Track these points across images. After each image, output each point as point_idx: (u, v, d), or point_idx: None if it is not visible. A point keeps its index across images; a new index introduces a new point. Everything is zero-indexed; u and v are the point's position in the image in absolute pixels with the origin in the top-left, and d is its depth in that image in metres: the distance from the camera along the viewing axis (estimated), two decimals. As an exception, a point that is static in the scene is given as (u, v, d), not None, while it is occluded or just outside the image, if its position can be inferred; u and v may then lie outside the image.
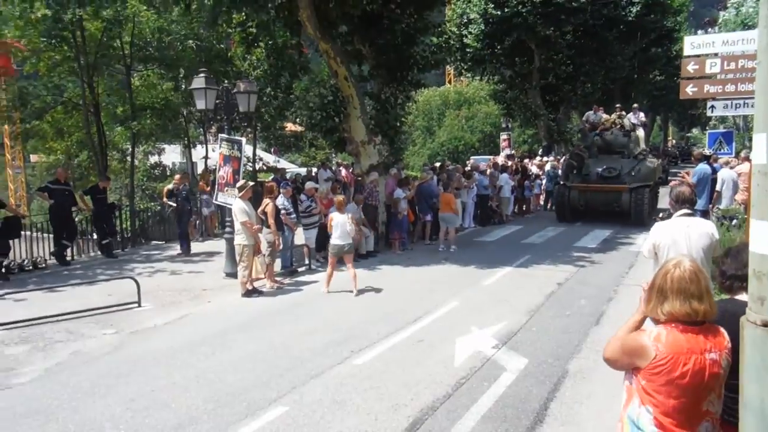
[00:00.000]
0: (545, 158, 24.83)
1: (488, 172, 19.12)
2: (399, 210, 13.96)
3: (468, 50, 27.47)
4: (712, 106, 10.14)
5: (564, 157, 22.27)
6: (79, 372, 6.59)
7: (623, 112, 20.06)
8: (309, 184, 13.12)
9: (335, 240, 10.21)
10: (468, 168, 19.65)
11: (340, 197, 10.77)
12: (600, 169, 17.51)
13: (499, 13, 24.81)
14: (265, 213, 10.64)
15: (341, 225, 10.10)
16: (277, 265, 11.40)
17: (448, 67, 35.75)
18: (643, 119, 20.71)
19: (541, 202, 22.61)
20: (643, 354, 2.60)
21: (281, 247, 11.47)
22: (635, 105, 21.13)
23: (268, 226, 10.57)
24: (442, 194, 14.35)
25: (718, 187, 11.40)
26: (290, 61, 15.80)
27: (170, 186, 15.30)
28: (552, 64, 27.65)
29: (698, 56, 9.79)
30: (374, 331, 7.87)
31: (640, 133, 19.34)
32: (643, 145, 19.14)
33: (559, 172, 20.61)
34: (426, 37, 16.56)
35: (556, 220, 18.37)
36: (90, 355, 7.18)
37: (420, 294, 9.89)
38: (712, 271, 5.66)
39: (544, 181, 22.24)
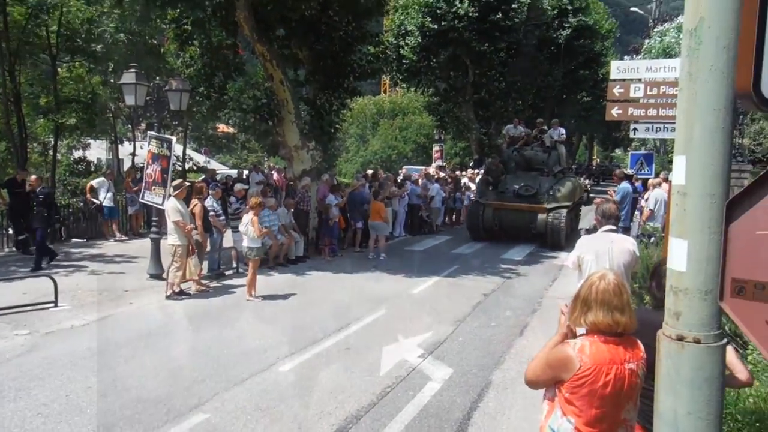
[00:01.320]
0: (476, 170, 25.31)
1: (420, 182, 19.33)
2: (330, 216, 13.92)
3: (404, 61, 27.81)
4: (635, 129, 10.62)
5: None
6: (-14, 375, 6.23)
7: (544, 128, 19.20)
8: (238, 186, 12.92)
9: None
10: (400, 177, 19.82)
11: (255, 198, 10.62)
12: (517, 187, 16.34)
13: (435, 26, 25.22)
14: (193, 213, 10.38)
15: (243, 225, 10.06)
16: (204, 267, 11.14)
17: (384, 76, 36.05)
18: (564, 136, 19.40)
19: (471, 214, 22.98)
20: (569, 365, 2.68)
21: (208, 249, 11.23)
22: (555, 120, 19.94)
23: (196, 227, 10.32)
24: (373, 202, 14.37)
25: (651, 206, 11.76)
26: (225, 61, 15.52)
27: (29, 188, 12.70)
28: (485, 80, 28.29)
29: (623, 80, 10.24)
30: (301, 337, 7.80)
31: (561, 150, 18.32)
32: (563, 163, 18.13)
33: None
34: (363, 46, 16.65)
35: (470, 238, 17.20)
36: (1, 356, 6.80)
37: (348, 301, 9.87)
38: (631, 286, 5.91)
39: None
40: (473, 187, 22.66)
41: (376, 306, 9.52)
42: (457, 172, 24.50)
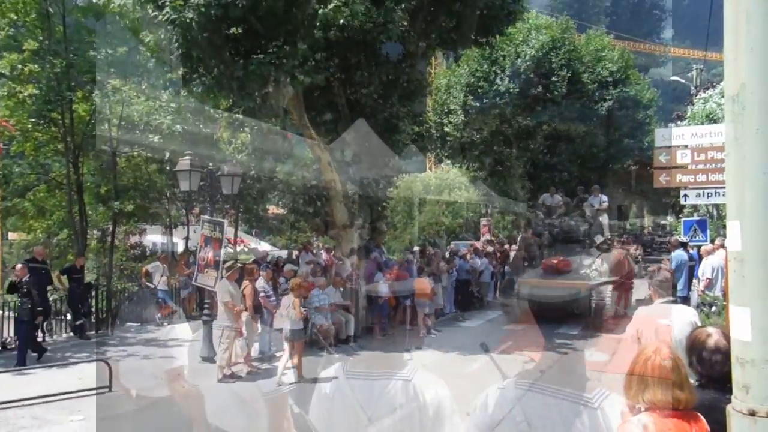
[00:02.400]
0: (525, 244, 24.98)
1: (468, 256, 19.20)
2: (379, 294, 13.88)
3: (448, 139, 28.23)
4: (686, 195, 10.41)
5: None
6: (43, 461, 6.28)
7: (584, 195, 18.09)
8: (287, 267, 13.06)
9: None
10: (447, 253, 19.74)
11: (296, 280, 10.66)
12: (555, 261, 14.99)
13: (477, 104, 25.68)
14: (244, 295, 10.51)
15: (284, 308, 10.05)
16: (255, 349, 11.16)
17: (428, 154, 36.60)
18: (606, 203, 17.75)
19: (522, 288, 22.55)
20: None
21: (259, 330, 11.28)
22: (595, 187, 18.63)
23: (246, 309, 10.42)
24: (416, 280, 14.23)
25: (708, 275, 11.40)
26: (274, 145, 16.08)
27: (11, 278, 11.96)
28: (529, 153, 28.40)
29: (669, 147, 10.15)
30: (352, 420, 7.63)
31: (603, 219, 17.01)
32: (607, 233, 16.81)
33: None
34: (408, 126, 17.02)
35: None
36: (56, 442, 6.87)
37: (400, 380, 9.66)
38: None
39: (524, 267, 22.28)
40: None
41: (429, 385, 9.29)
42: (506, 246, 24.28)
